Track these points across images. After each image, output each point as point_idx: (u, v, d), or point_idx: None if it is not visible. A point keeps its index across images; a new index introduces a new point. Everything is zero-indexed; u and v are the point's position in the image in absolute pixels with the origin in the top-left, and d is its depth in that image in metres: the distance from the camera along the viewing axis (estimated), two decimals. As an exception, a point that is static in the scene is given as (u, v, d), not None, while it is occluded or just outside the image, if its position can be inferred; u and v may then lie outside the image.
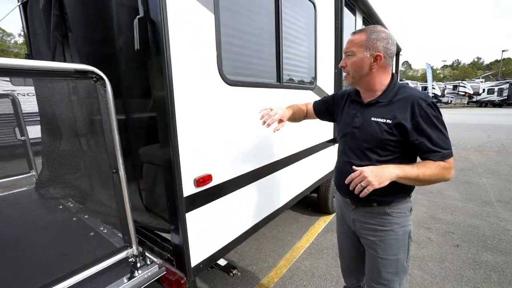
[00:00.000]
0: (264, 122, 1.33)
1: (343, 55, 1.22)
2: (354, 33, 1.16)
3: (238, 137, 1.60)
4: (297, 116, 1.58)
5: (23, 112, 2.80)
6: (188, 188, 1.30)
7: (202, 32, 1.30)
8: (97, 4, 1.57)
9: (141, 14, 1.17)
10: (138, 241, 1.76)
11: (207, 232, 1.45)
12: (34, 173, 2.76)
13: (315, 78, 2.50)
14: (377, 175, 1.00)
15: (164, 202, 1.34)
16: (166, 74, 1.15)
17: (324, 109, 1.52)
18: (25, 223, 1.82)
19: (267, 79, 1.86)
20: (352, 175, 1.04)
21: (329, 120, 1.57)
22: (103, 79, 1.08)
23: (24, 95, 5.98)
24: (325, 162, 2.95)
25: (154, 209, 1.79)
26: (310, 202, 3.79)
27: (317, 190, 3.38)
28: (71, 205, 2.23)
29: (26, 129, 2.73)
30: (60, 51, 2.11)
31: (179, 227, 1.30)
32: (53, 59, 2.16)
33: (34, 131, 2.75)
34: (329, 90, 2.81)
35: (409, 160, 1.13)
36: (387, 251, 1.22)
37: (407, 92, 1.11)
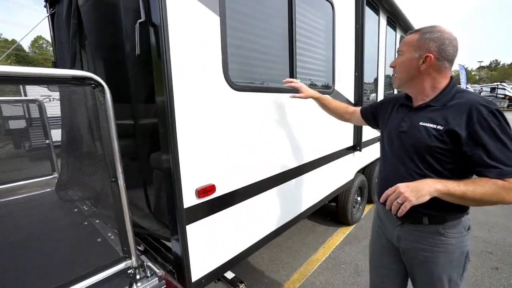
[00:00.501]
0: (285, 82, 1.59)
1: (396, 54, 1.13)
2: (409, 33, 1.10)
3: (245, 145, 1.52)
4: (331, 106, 1.66)
5: (49, 116, 2.96)
6: (189, 199, 1.24)
7: (206, 35, 1.24)
8: (108, 10, 1.58)
9: (143, 18, 1.14)
10: (144, 250, 1.76)
11: (210, 245, 1.38)
12: (56, 175, 2.89)
13: (333, 82, 2.36)
14: (413, 189, 0.91)
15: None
16: (166, 80, 1.10)
17: (371, 114, 1.45)
18: (37, 226, 1.86)
19: (278, 84, 1.77)
20: (387, 192, 0.96)
21: (374, 127, 1.50)
22: (101, 86, 1.05)
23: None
24: (344, 170, 2.78)
25: (161, 217, 1.75)
26: (329, 211, 3.60)
27: (336, 200, 3.20)
28: (86, 209, 2.27)
29: (51, 133, 2.88)
30: (79, 59, 2.18)
31: (179, 239, 1.24)
32: (72, 67, 2.23)
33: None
34: (349, 94, 2.65)
35: (463, 175, 1.01)
36: (439, 272, 1.10)
37: (465, 97, 0.99)
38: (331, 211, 3.51)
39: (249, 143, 1.54)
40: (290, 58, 1.81)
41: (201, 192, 1.28)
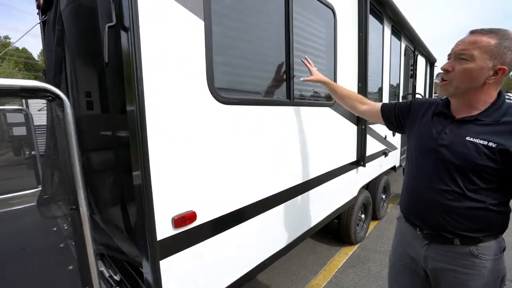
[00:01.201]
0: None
1: (450, 57, 0.98)
2: (479, 32, 0.92)
3: (234, 164, 1.35)
4: (342, 93, 1.55)
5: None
6: (164, 230, 1.06)
7: (187, 41, 1.09)
8: (87, 15, 1.45)
9: (113, 21, 0.99)
10: (119, 280, 1.57)
11: (190, 281, 1.19)
12: (41, 188, 2.73)
13: (334, 93, 2.20)
14: None
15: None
16: (135, 91, 0.94)
17: (394, 115, 1.29)
18: (6, 248, 1.69)
19: (273, 95, 1.61)
20: None
21: (395, 129, 1.35)
22: (60, 98, 0.90)
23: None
24: (347, 187, 2.59)
25: (137, 243, 1.57)
26: (330, 229, 3.37)
27: (338, 217, 2.99)
28: (66, 227, 2.10)
29: (37, 144, 2.74)
30: (63, 67, 2.05)
31: (152, 277, 1.06)
32: (56, 76, 2.10)
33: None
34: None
35: (507, 192, 0.96)
36: None
37: None
38: (333, 228, 3.29)
39: (238, 161, 1.37)
40: (287, 67, 1.66)
41: (178, 221, 1.10)
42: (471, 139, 0.93)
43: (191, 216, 1.15)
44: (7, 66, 24.78)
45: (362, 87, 2.54)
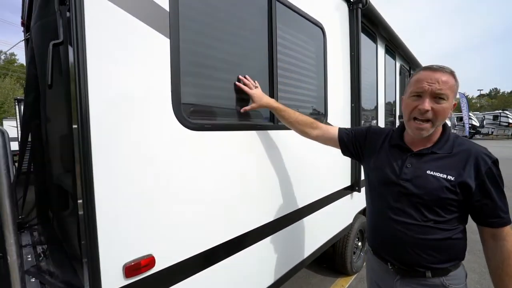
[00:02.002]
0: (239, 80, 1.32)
1: (421, 95, 0.98)
2: (440, 70, 0.96)
3: (206, 197, 1.18)
4: (291, 119, 1.41)
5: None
6: (112, 281, 0.88)
7: (147, 61, 0.96)
8: (52, 34, 1.34)
9: (60, 38, 0.87)
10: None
11: None
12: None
13: (325, 114, 2.07)
14: None
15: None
16: (79, 118, 0.80)
17: (353, 142, 1.30)
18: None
19: (254, 119, 1.48)
20: None
21: (351, 157, 1.36)
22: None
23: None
24: (341, 214, 2.41)
25: None
26: (325, 257, 3.14)
27: (333, 245, 2.78)
28: (29, 259, 1.90)
29: (13, 165, 2.58)
30: (36, 85, 1.93)
31: None
32: (28, 93, 1.99)
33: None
34: (346, 124, 2.35)
35: (464, 221, 1.02)
36: None
37: (466, 145, 1.01)
38: (328, 256, 3.06)
39: (212, 194, 1.21)
40: (270, 87, 1.53)
41: (131, 270, 0.92)
42: (432, 172, 0.98)
43: (149, 261, 0.97)
44: (9, 81, 25.06)
45: (356, 107, 2.42)
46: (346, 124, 2.39)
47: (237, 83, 1.35)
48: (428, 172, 0.99)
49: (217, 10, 1.26)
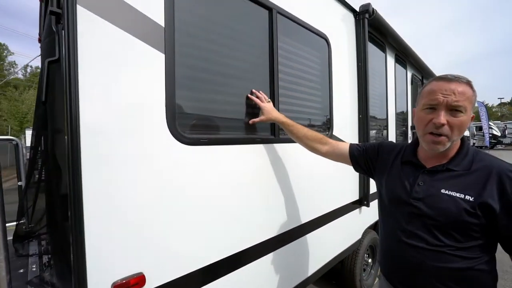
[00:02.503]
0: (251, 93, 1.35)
1: (436, 107, 0.90)
2: (459, 81, 0.88)
3: (203, 212, 1.15)
4: (299, 134, 1.39)
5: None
6: (99, 302, 0.86)
7: (142, 77, 0.96)
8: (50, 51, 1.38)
9: (56, 55, 0.89)
10: None
11: None
12: (25, 221, 2.60)
13: (330, 127, 2.02)
14: None
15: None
16: (69, 134, 0.80)
17: (364, 158, 1.24)
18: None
19: (254, 132, 1.45)
20: None
21: (363, 173, 1.31)
22: None
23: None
24: (349, 230, 2.31)
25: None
26: (334, 273, 3.01)
27: (342, 262, 2.66)
28: (33, 269, 1.92)
29: (24, 175, 2.66)
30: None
31: None
32: (37, 108, 2.06)
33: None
34: (352, 139, 2.29)
35: (491, 250, 0.89)
36: None
37: (487, 160, 0.90)
38: (337, 271, 2.93)
39: (209, 209, 1.18)
40: (270, 100, 1.51)
41: (120, 289, 0.89)
42: (447, 191, 0.89)
43: (138, 280, 0.94)
44: (33, 93, 26.39)
45: (363, 118, 2.35)
46: (354, 135, 2.33)
47: (249, 95, 1.39)
48: (443, 191, 0.89)
49: (215, 23, 1.26)
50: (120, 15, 0.90)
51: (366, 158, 1.23)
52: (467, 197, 0.84)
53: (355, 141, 2.34)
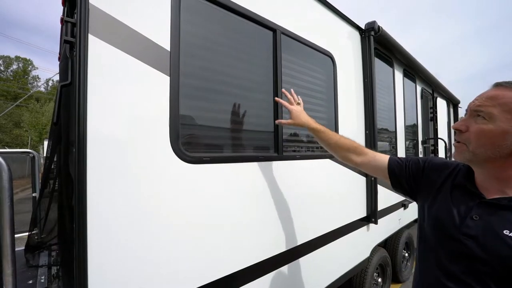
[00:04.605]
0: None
1: (466, 113, 0.79)
2: (503, 85, 0.74)
3: (206, 233, 1.17)
4: (331, 141, 1.23)
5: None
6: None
7: (147, 98, 1.01)
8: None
9: (68, 80, 0.95)
10: None
11: None
12: (37, 231, 2.67)
13: (335, 142, 2.01)
14: None
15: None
16: (77, 153, 0.84)
17: (406, 176, 1.02)
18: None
19: (257, 150, 1.47)
20: None
21: (403, 193, 1.07)
22: None
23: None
24: (356, 248, 2.25)
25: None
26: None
27: (350, 281, 2.58)
28: (42, 280, 1.96)
29: (39, 186, 2.76)
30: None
31: None
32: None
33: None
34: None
35: None
36: None
37: None
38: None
39: (210, 228, 1.19)
40: (274, 117, 1.53)
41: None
42: (511, 233, 0.68)
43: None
44: (53, 105, 27.61)
45: (370, 134, 2.34)
46: (360, 151, 2.30)
47: (277, 99, 1.39)
48: (506, 232, 0.69)
49: (219, 45, 1.31)
50: (127, 41, 0.96)
51: (408, 175, 1.02)
52: None
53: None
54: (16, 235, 2.56)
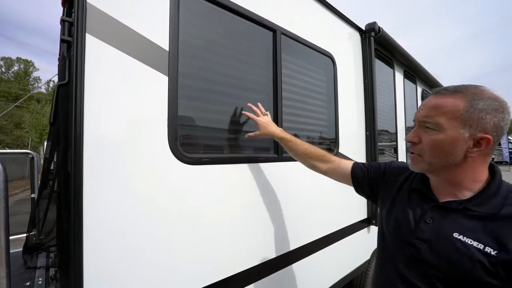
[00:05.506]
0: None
1: (414, 123, 0.81)
2: (441, 93, 0.75)
3: (203, 234, 1.15)
4: (299, 151, 1.26)
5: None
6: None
7: (145, 99, 1.00)
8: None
9: (66, 79, 0.93)
10: None
11: None
12: (35, 232, 2.66)
13: (336, 144, 2.00)
14: None
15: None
16: (73, 154, 0.83)
17: (368, 181, 1.06)
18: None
19: (256, 151, 1.45)
20: None
21: (366, 198, 1.15)
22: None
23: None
24: (356, 250, 2.23)
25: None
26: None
27: (351, 284, 2.56)
28: (39, 282, 1.94)
29: (37, 187, 2.75)
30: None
31: None
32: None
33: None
34: (359, 156, 2.25)
35: None
36: None
37: None
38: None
39: (209, 230, 1.17)
40: (274, 120, 1.52)
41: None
42: (461, 237, 0.69)
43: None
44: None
45: (371, 135, 2.32)
46: (361, 152, 2.29)
47: (244, 112, 1.35)
48: (456, 235, 0.70)
49: (219, 45, 1.30)
50: (126, 41, 0.95)
51: (370, 180, 1.05)
52: (487, 249, 0.65)
53: (362, 158, 2.30)
54: (15, 236, 2.55)
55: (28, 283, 1.94)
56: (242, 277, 1.29)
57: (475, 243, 0.66)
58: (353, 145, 2.19)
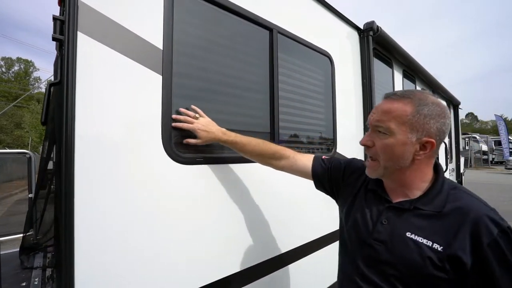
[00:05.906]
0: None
1: (368, 127, 0.84)
2: (391, 98, 0.79)
3: (198, 234, 1.14)
4: (255, 152, 1.15)
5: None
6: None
7: (138, 98, 0.99)
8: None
9: (57, 78, 0.92)
10: None
11: None
12: (32, 233, 2.65)
13: (333, 143, 1.99)
14: None
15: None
16: (64, 154, 0.82)
17: (326, 177, 1.05)
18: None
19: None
20: None
21: (325, 192, 1.11)
22: None
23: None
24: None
25: None
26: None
27: None
28: (36, 283, 1.93)
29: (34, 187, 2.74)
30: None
31: None
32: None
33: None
34: (357, 157, 2.23)
35: None
36: None
37: (463, 201, 0.73)
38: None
39: (203, 231, 1.16)
40: (271, 119, 1.51)
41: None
42: (413, 236, 0.73)
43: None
44: (53, 105, 27.60)
45: (369, 135, 2.31)
46: (359, 152, 2.27)
47: (173, 123, 1.07)
48: (408, 234, 0.74)
49: (215, 44, 1.29)
50: (118, 39, 0.94)
51: (329, 177, 1.04)
52: (435, 246, 0.70)
53: (360, 158, 2.29)
54: (13, 236, 2.54)
55: (24, 284, 1.94)
56: (238, 278, 1.28)
57: (425, 241, 0.71)
58: (351, 145, 2.17)
